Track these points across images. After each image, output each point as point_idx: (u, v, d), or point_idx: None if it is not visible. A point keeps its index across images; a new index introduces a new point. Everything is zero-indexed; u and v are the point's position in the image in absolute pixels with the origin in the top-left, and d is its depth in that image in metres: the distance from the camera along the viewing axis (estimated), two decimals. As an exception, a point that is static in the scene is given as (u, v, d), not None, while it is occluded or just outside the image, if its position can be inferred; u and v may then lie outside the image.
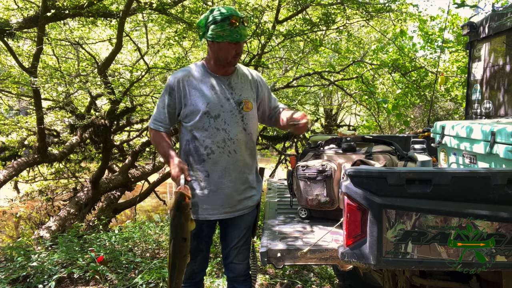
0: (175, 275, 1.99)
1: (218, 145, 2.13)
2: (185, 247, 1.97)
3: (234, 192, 2.18)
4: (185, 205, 1.91)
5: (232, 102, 2.17)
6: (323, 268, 4.12)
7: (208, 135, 2.13)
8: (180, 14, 5.54)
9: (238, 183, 2.19)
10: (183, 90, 2.16)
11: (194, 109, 2.14)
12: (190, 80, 2.17)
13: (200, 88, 2.16)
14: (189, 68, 2.24)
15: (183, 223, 1.93)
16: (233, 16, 2.03)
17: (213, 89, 2.17)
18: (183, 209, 1.91)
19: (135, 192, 8.02)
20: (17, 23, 4.87)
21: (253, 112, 2.24)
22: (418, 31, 8.61)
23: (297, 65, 8.50)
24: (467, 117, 4.09)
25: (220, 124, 2.14)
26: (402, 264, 1.77)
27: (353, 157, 2.37)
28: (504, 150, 2.17)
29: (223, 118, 2.15)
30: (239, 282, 2.33)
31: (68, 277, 3.59)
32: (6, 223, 8.36)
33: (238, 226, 2.26)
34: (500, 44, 3.57)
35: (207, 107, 2.13)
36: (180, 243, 1.94)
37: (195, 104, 2.14)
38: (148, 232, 5.03)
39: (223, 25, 2.03)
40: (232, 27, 2.03)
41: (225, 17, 2.02)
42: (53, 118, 7.62)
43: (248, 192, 2.25)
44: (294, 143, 8.80)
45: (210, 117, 2.13)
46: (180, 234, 1.94)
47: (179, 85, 2.16)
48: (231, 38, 2.06)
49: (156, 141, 2.24)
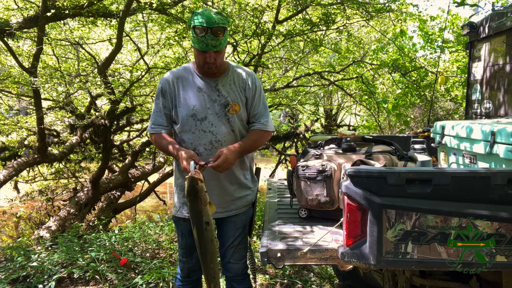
0: (208, 261, 1.97)
1: (205, 147, 2.16)
2: (210, 231, 1.94)
3: (223, 192, 2.21)
4: (199, 189, 1.89)
5: (218, 104, 2.17)
6: (323, 268, 4.12)
7: (195, 137, 2.17)
8: (180, 14, 5.54)
9: (227, 184, 2.21)
10: (174, 91, 2.20)
11: (181, 111, 2.17)
12: (178, 81, 2.20)
13: (188, 90, 2.18)
14: (177, 70, 2.26)
15: (201, 208, 1.90)
16: (197, 26, 2.00)
17: (199, 91, 2.18)
18: (197, 193, 1.89)
19: (135, 192, 8.02)
20: (17, 23, 4.87)
21: (241, 114, 2.22)
22: (418, 31, 8.61)
23: (297, 65, 8.50)
24: (467, 117, 4.09)
25: (207, 126, 2.16)
26: (402, 264, 1.77)
27: (353, 157, 2.37)
28: (504, 150, 2.17)
29: (209, 120, 2.16)
30: (237, 282, 2.33)
31: (68, 277, 3.59)
32: (6, 223, 8.36)
33: (233, 225, 2.27)
34: (500, 44, 3.57)
35: (193, 110, 2.16)
36: (203, 228, 1.92)
37: (182, 106, 2.17)
38: (148, 232, 5.03)
39: (192, 32, 2.04)
40: (198, 36, 2.02)
41: (193, 25, 2.02)
42: (53, 118, 7.62)
43: (241, 192, 2.27)
44: (294, 143, 8.80)
45: (197, 120, 2.16)
46: (201, 220, 1.91)
47: (170, 86, 2.20)
48: (197, 46, 2.05)
49: (159, 143, 2.24)
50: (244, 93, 2.23)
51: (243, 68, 2.31)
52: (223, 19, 2.06)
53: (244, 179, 2.29)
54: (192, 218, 1.95)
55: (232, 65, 2.28)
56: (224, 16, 2.10)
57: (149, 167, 7.88)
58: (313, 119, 10.03)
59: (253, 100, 2.25)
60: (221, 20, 2.04)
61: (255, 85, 2.26)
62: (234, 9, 6.54)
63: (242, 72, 2.28)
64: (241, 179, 2.27)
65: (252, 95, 2.25)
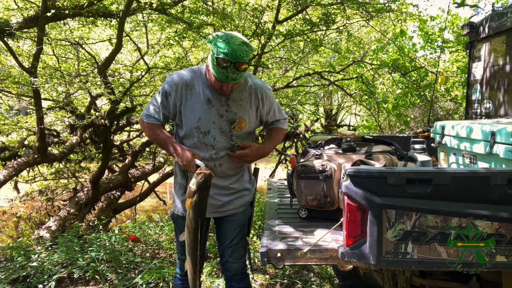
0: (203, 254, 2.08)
1: (204, 158, 2.12)
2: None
3: (219, 195, 2.20)
4: (210, 186, 1.97)
5: (225, 119, 2.12)
6: (323, 268, 4.12)
7: (195, 147, 2.14)
8: (180, 14, 5.54)
9: (221, 188, 2.20)
10: (180, 98, 2.11)
11: (186, 121, 2.12)
12: (187, 90, 2.11)
13: (195, 100, 2.11)
14: (188, 75, 2.14)
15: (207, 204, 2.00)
16: (220, 58, 1.90)
17: (208, 103, 2.10)
18: (209, 189, 1.97)
19: (135, 192, 8.02)
20: (17, 23, 4.87)
21: (246, 130, 2.18)
22: (418, 31, 8.62)
23: (297, 65, 8.51)
24: (467, 117, 4.09)
25: (209, 140, 2.13)
26: (402, 264, 1.77)
27: (353, 157, 2.37)
28: (504, 150, 2.17)
29: (212, 134, 2.12)
30: (236, 281, 2.33)
31: (68, 277, 3.59)
32: (6, 223, 8.36)
33: (231, 225, 2.27)
34: (500, 44, 3.57)
35: (198, 122, 2.11)
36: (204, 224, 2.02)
37: (188, 116, 2.11)
38: (148, 232, 5.03)
39: (213, 59, 1.95)
40: (219, 67, 1.93)
41: (216, 55, 1.91)
42: (53, 118, 7.62)
43: (238, 193, 2.26)
44: (294, 143, 8.80)
45: (200, 132, 2.12)
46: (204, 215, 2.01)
47: (177, 92, 2.11)
48: (216, 75, 1.97)
49: (154, 132, 2.19)
50: (256, 111, 2.19)
51: (255, 82, 2.21)
52: (248, 51, 1.95)
53: (242, 180, 2.29)
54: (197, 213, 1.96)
55: (246, 77, 2.17)
56: (250, 45, 1.99)
57: (149, 167, 7.88)
58: (313, 119, 10.03)
59: (269, 112, 2.25)
60: (246, 53, 1.94)
61: (268, 98, 2.21)
62: (234, 9, 6.54)
63: (255, 87, 2.18)
64: (239, 181, 2.26)
65: (267, 110, 2.23)
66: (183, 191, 2.24)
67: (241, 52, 1.91)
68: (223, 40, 1.92)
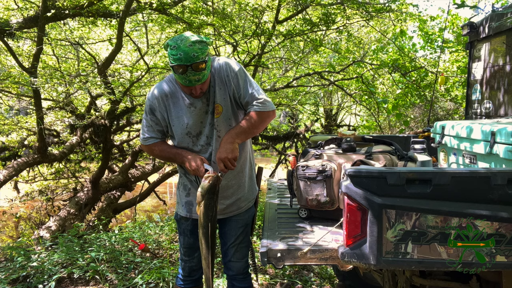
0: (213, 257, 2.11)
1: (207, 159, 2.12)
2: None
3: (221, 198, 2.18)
4: (219, 189, 2.01)
5: (210, 113, 2.10)
6: (323, 268, 4.12)
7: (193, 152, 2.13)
8: (180, 14, 5.54)
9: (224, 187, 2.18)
10: (165, 109, 2.11)
11: (175, 129, 2.12)
12: (168, 99, 2.10)
13: (178, 107, 2.10)
14: (164, 85, 2.12)
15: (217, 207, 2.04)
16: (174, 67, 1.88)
17: (191, 106, 2.09)
18: (218, 192, 2.00)
19: (135, 192, 8.02)
20: (17, 23, 4.87)
21: (225, 113, 2.09)
22: (418, 31, 8.62)
23: (297, 65, 8.50)
24: (467, 117, 4.09)
25: (203, 140, 2.13)
26: (402, 264, 1.77)
27: (353, 157, 2.37)
28: (504, 150, 2.17)
29: (204, 133, 2.12)
30: (238, 280, 2.33)
31: (68, 277, 3.59)
32: (6, 223, 8.36)
33: (234, 224, 2.27)
34: (500, 44, 3.57)
35: (187, 128, 2.11)
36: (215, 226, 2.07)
37: (176, 125, 2.11)
38: (148, 232, 5.03)
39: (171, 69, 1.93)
40: (177, 73, 1.91)
41: (171, 64, 1.89)
42: (53, 118, 7.62)
43: (241, 193, 2.26)
44: (294, 143, 8.80)
45: (192, 136, 2.13)
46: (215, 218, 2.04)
47: (160, 104, 2.10)
48: (181, 82, 1.96)
49: (159, 150, 2.20)
50: (226, 91, 2.08)
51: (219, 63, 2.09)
52: (202, 48, 1.89)
53: (245, 179, 2.28)
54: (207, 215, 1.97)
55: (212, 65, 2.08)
56: (203, 41, 1.91)
57: (149, 167, 7.88)
58: (313, 119, 10.03)
59: (238, 88, 2.07)
60: (201, 51, 1.88)
61: (233, 72, 2.06)
62: (234, 9, 6.54)
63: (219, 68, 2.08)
64: (241, 180, 2.26)
65: (235, 84, 2.06)
66: (186, 192, 2.26)
67: (194, 53, 1.86)
68: (173, 46, 1.89)
